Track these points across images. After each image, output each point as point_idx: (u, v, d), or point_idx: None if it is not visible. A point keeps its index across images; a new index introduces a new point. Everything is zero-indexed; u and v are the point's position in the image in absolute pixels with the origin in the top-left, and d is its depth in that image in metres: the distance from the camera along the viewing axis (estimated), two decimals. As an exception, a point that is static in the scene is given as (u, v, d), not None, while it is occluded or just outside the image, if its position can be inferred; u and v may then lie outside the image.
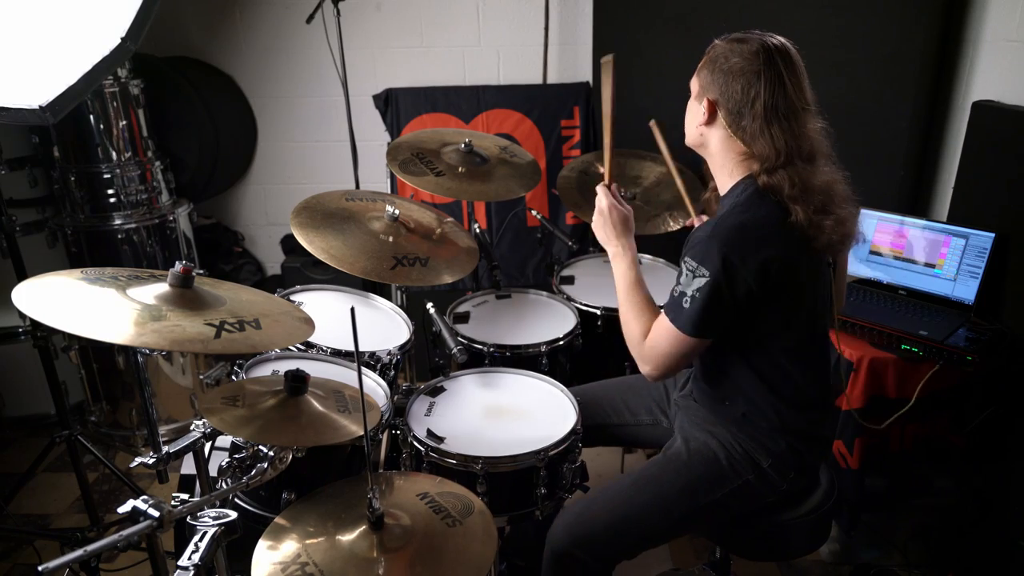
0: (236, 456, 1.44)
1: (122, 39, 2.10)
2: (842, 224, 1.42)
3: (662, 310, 1.51)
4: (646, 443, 1.90)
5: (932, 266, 2.20)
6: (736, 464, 1.55)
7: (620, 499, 1.57)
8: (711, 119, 1.47)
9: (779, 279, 1.39)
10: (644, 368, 1.54)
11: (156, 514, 1.14)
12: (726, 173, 1.51)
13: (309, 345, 1.85)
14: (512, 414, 1.77)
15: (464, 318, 2.19)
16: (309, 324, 1.44)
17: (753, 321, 1.44)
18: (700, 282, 1.39)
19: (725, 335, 1.48)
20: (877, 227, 2.31)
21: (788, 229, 1.39)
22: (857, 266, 2.34)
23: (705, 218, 2.01)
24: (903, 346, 2.02)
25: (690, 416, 1.66)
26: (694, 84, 1.52)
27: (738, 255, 1.37)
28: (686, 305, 1.42)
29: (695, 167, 2.14)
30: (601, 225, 1.69)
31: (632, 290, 1.60)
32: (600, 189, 1.72)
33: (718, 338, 1.48)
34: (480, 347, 2.01)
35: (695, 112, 1.52)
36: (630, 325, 1.57)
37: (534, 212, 2.67)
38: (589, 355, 2.15)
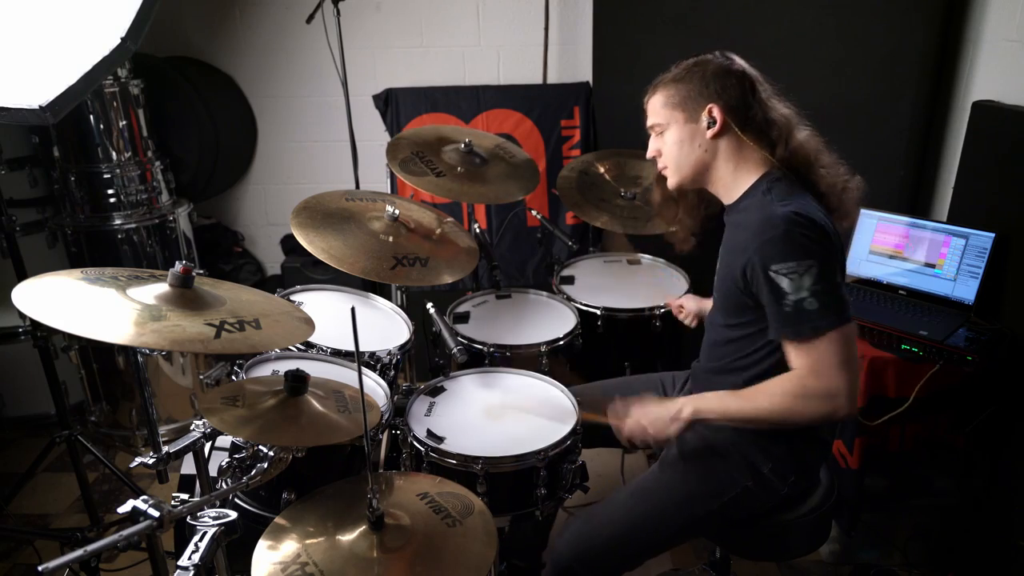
0: (236, 456, 1.44)
1: (122, 39, 2.10)
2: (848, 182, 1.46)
3: (786, 341, 1.34)
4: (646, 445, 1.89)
5: (932, 266, 2.20)
6: (734, 471, 1.54)
7: (619, 513, 1.56)
8: (721, 129, 1.44)
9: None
10: (836, 404, 1.31)
11: (156, 514, 1.14)
12: (737, 178, 1.49)
13: (309, 345, 1.85)
14: (512, 414, 1.77)
15: (464, 318, 2.19)
16: (309, 324, 1.44)
17: None
18: (813, 272, 1.28)
19: (748, 333, 1.47)
20: (877, 227, 2.31)
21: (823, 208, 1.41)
22: (857, 266, 2.34)
23: (689, 302, 1.95)
24: (903, 346, 2.02)
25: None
26: (669, 113, 1.49)
27: (817, 232, 1.32)
28: (814, 305, 1.28)
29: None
30: (658, 412, 1.47)
31: (733, 397, 1.44)
32: (633, 413, 1.51)
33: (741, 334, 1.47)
34: (480, 347, 2.01)
35: (691, 134, 1.47)
36: (769, 404, 1.37)
37: (534, 212, 2.67)
38: (589, 355, 2.15)
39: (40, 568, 1.02)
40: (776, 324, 1.36)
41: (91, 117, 2.65)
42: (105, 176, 2.72)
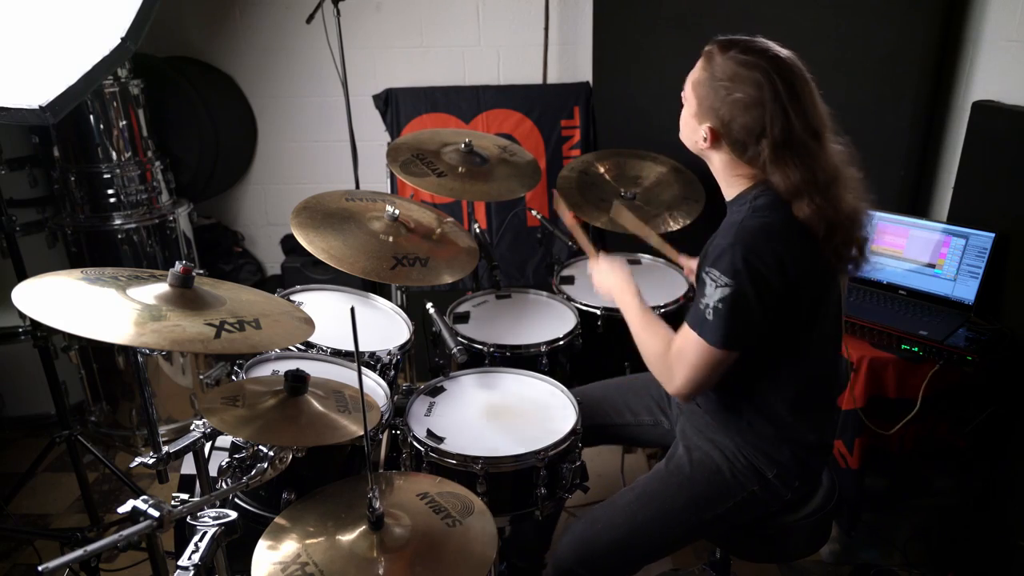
0: (236, 456, 1.44)
1: (122, 39, 2.10)
2: (862, 248, 1.42)
3: (685, 323, 1.44)
4: (646, 443, 1.89)
5: (932, 266, 2.20)
6: (740, 476, 1.53)
7: (623, 517, 1.55)
8: (713, 144, 1.43)
9: (796, 279, 1.36)
10: (671, 384, 1.46)
11: (156, 514, 1.14)
12: (731, 184, 1.48)
13: (309, 345, 1.85)
14: (512, 414, 1.77)
15: (464, 318, 2.19)
16: (309, 324, 1.44)
17: (774, 326, 1.40)
18: (724, 292, 1.34)
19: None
20: (877, 227, 2.30)
21: (808, 236, 1.37)
22: (857, 266, 2.34)
23: (692, 264, 1.96)
24: (903, 346, 2.02)
25: (693, 423, 1.64)
26: (689, 96, 1.45)
27: (761, 260, 1.33)
28: (710, 317, 1.37)
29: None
30: (610, 274, 1.71)
31: (644, 314, 1.58)
32: (594, 261, 1.80)
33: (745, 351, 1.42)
34: (480, 347, 2.01)
35: (693, 129, 1.46)
36: (647, 345, 1.53)
37: (534, 212, 2.67)
38: (589, 355, 2.15)
39: (40, 568, 1.02)
40: (689, 311, 1.45)
41: (91, 117, 2.65)
42: (105, 176, 2.72)
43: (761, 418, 1.51)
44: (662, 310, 2.17)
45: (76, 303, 1.21)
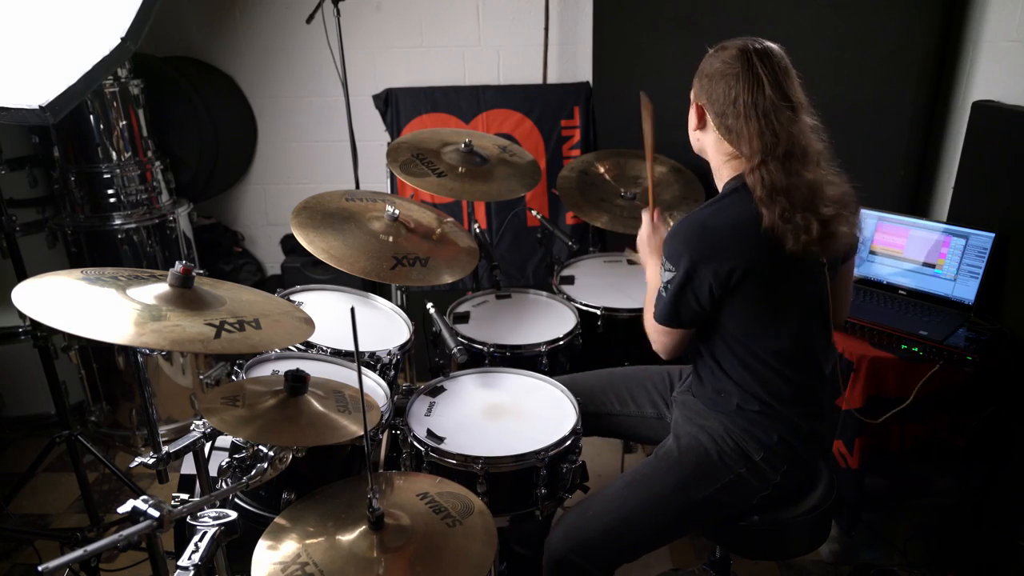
0: (236, 456, 1.44)
1: (122, 39, 2.10)
2: (826, 224, 1.39)
3: None
4: (648, 437, 1.89)
5: (932, 266, 2.20)
6: (727, 458, 1.55)
7: (614, 503, 1.57)
8: (700, 123, 1.54)
9: (740, 285, 1.42)
10: (652, 344, 1.63)
11: (156, 514, 1.14)
12: (720, 175, 1.55)
13: (309, 345, 1.85)
14: (512, 414, 1.77)
15: (464, 318, 2.19)
16: (309, 324, 1.44)
17: (728, 317, 1.49)
18: (668, 276, 1.47)
19: (708, 326, 1.53)
20: (877, 227, 2.31)
21: (757, 233, 1.38)
22: (857, 266, 2.34)
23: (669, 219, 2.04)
24: (903, 346, 2.02)
25: (686, 411, 1.66)
26: (692, 95, 1.57)
27: (698, 255, 1.42)
28: (663, 294, 1.51)
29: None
30: (647, 241, 1.80)
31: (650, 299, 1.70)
32: (646, 215, 1.83)
33: (700, 328, 1.55)
34: (480, 347, 2.01)
35: (690, 118, 1.57)
36: (646, 311, 1.66)
37: (534, 212, 2.67)
38: (589, 355, 2.15)
39: (40, 568, 1.02)
40: None
41: (91, 117, 2.65)
42: (105, 176, 2.72)
43: (749, 401, 1.54)
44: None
45: (76, 303, 1.21)
